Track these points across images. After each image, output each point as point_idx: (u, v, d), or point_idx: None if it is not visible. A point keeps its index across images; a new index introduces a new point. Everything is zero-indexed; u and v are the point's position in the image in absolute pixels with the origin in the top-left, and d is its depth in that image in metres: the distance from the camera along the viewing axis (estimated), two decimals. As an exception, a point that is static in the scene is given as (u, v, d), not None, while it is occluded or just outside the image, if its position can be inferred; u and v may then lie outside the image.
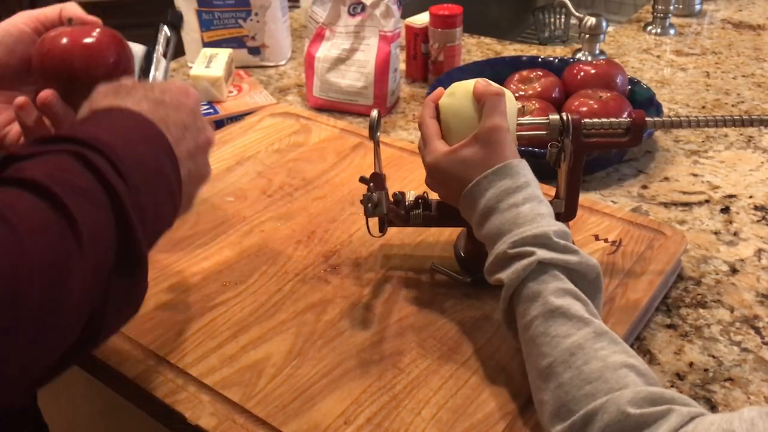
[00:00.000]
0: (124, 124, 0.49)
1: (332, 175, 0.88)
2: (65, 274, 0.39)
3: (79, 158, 0.43)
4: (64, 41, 0.61)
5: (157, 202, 0.48)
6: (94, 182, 0.43)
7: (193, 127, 0.54)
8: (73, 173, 0.42)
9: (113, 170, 0.44)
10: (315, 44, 1.10)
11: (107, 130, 0.47)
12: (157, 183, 0.48)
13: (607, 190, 0.89)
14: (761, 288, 0.72)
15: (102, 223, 0.42)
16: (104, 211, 0.42)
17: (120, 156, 0.45)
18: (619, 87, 0.98)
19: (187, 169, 0.52)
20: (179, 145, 0.51)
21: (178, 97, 0.54)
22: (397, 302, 0.67)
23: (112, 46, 0.63)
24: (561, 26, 1.75)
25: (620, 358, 0.50)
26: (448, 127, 0.64)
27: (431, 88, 1.04)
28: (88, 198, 0.42)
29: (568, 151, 0.65)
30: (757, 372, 0.62)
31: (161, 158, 0.49)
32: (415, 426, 0.55)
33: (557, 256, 0.55)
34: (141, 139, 0.48)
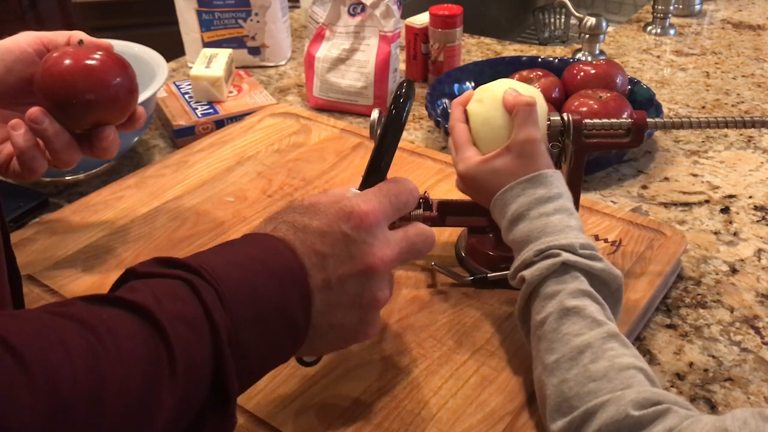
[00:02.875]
0: (249, 253, 0.47)
1: (332, 176, 0.88)
2: (154, 401, 0.38)
3: (189, 285, 0.43)
4: (67, 62, 0.60)
5: (268, 335, 0.45)
6: (200, 311, 0.42)
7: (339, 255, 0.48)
8: (180, 300, 0.42)
9: (219, 302, 0.43)
10: (315, 44, 1.10)
11: (226, 260, 0.46)
12: (273, 316, 0.45)
13: (607, 190, 0.89)
14: (761, 288, 0.72)
15: (200, 351, 0.41)
16: (204, 340, 0.41)
17: (228, 288, 0.43)
18: (619, 87, 0.98)
19: (324, 299, 0.48)
20: (314, 275, 0.47)
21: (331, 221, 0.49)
22: (397, 302, 0.67)
23: (115, 69, 0.62)
24: (561, 26, 1.75)
25: (628, 360, 0.50)
26: (477, 135, 0.64)
27: (431, 88, 1.04)
28: (190, 326, 0.41)
29: (568, 152, 0.65)
30: (757, 372, 0.62)
31: (286, 289, 0.46)
32: (415, 426, 0.55)
33: (582, 259, 0.55)
34: (262, 269, 0.46)
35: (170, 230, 0.78)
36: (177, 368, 0.39)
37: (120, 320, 0.40)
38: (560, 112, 0.65)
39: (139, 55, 1.04)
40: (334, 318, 0.49)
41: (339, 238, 0.48)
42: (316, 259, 0.47)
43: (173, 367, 0.39)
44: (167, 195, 0.84)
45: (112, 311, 0.40)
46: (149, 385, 0.39)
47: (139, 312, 0.40)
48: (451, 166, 0.88)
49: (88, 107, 0.61)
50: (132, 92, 0.64)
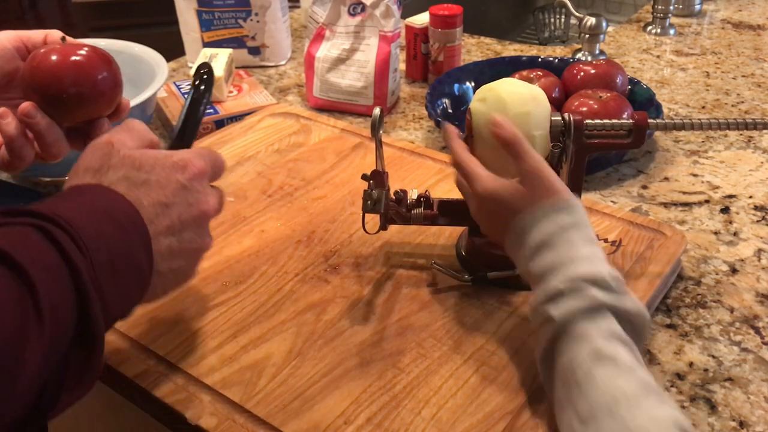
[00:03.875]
0: (94, 202, 0.49)
1: (332, 175, 0.88)
2: (22, 345, 0.39)
3: (41, 231, 0.43)
4: (53, 57, 0.62)
5: (120, 280, 0.47)
6: (56, 255, 0.43)
7: (180, 204, 0.53)
8: (37, 246, 0.43)
9: (74, 245, 0.44)
10: (315, 44, 1.10)
11: (74, 207, 0.47)
12: (122, 262, 0.48)
13: (607, 190, 0.89)
14: (761, 288, 0.72)
15: (62, 297, 0.42)
16: (64, 282, 0.43)
17: (82, 232, 0.45)
18: (619, 87, 0.98)
19: (165, 246, 0.52)
20: (154, 223, 0.51)
21: (169, 173, 0.53)
22: (398, 302, 0.67)
23: (101, 64, 0.64)
24: (561, 26, 1.75)
25: (668, 412, 0.47)
26: (480, 135, 0.63)
27: (431, 88, 1.04)
28: (49, 269, 0.42)
29: (569, 152, 0.64)
30: (757, 372, 0.62)
31: (129, 237, 0.49)
32: (415, 426, 0.55)
33: (613, 299, 0.53)
34: (109, 218, 0.48)
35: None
36: (43, 313, 0.40)
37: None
38: (561, 112, 0.65)
39: (139, 55, 1.04)
40: (175, 262, 0.53)
41: (178, 188, 0.53)
42: (159, 209, 0.52)
43: (39, 312, 0.40)
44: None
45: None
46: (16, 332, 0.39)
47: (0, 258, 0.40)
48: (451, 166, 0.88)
49: (77, 101, 0.63)
50: (117, 85, 0.66)
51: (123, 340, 0.64)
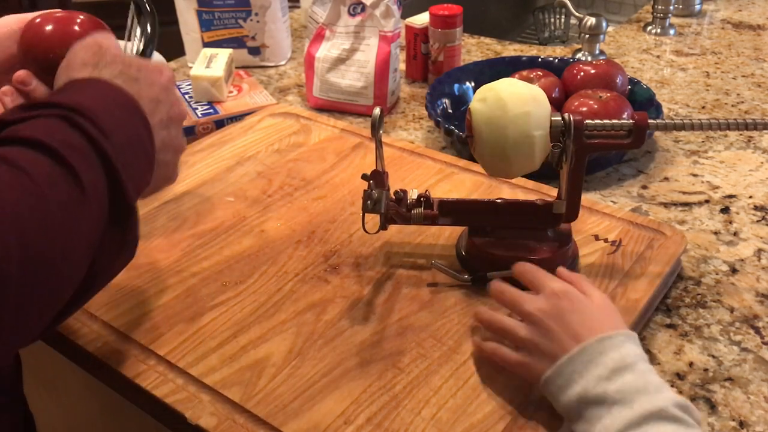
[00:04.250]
0: (103, 94, 0.52)
1: (332, 176, 0.88)
2: (77, 221, 0.44)
3: (66, 120, 0.47)
4: (48, 27, 0.63)
5: (136, 162, 0.52)
6: (83, 140, 0.46)
7: (166, 102, 0.57)
8: (65, 133, 0.46)
9: (98, 131, 0.47)
10: (315, 44, 1.10)
11: (88, 97, 0.50)
12: (137, 146, 0.52)
13: (607, 190, 0.89)
14: (761, 288, 0.72)
15: (97, 176, 0.46)
16: (95, 165, 0.46)
17: (102, 119, 0.48)
18: (619, 87, 0.98)
19: (161, 138, 0.56)
20: (152, 116, 0.55)
21: (152, 75, 0.57)
22: (397, 302, 0.67)
23: (95, 31, 0.64)
24: (561, 26, 1.75)
25: None
26: (480, 134, 0.63)
27: (431, 88, 1.04)
28: (81, 152, 0.46)
29: (569, 152, 0.64)
30: (756, 372, 0.62)
31: (138, 125, 0.53)
32: (415, 426, 0.55)
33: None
34: (119, 108, 0.52)
35: (170, 230, 0.78)
36: (85, 188, 0.44)
37: (22, 152, 0.43)
38: (561, 112, 0.65)
39: (139, 55, 1.04)
40: (166, 155, 0.57)
41: (162, 88, 0.57)
42: (153, 104, 0.56)
43: (81, 187, 0.44)
44: (167, 195, 0.84)
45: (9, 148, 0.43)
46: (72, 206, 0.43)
47: (33, 145, 0.44)
48: (451, 166, 0.88)
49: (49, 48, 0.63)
50: None
51: (123, 340, 0.64)
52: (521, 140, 0.62)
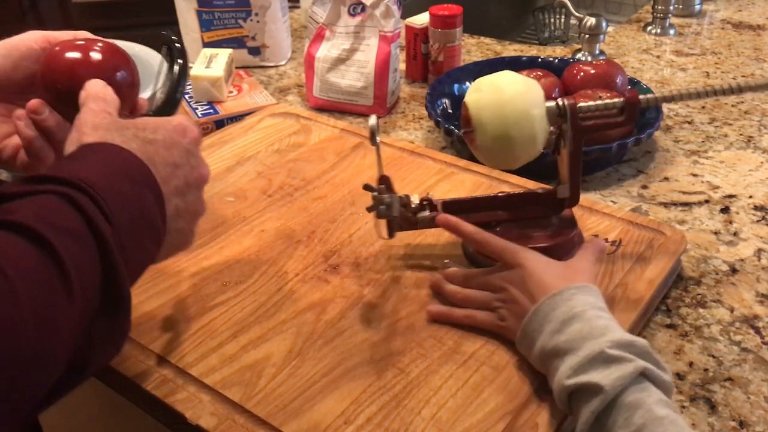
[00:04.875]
0: (111, 161, 0.49)
1: (332, 175, 0.88)
2: (54, 316, 0.40)
3: (65, 199, 0.44)
4: (68, 54, 0.61)
5: (140, 240, 0.49)
6: (81, 223, 0.43)
7: (185, 166, 0.54)
8: (60, 214, 0.43)
9: (99, 211, 0.45)
10: (315, 44, 1.10)
11: (93, 168, 0.48)
12: (141, 221, 0.49)
13: (607, 190, 0.89)
14: (761, 288, 0.72)
15: (88, 263, 0.43)
16: (90, 251, 0.43)
17: (105, 195, 0.46)
18: (619, 87, 0.98)
19: (174, 206, 0.53)
20: (167, 183, 0.52)
21: (172, 136, 0.54)
22: (398, 302, 0.67)
23: (117, 61, 0.63)
24: (561, 26, 1.75)
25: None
26: (480, 120, 0.65)
27: (431, 88, 1.04)
28: (75, 239, 0.43)
29: (567, 136, 0.65)
30: (756, 372, 0.62)
31: (146, 196, 0.50)
32: (415, 426, 0.55)
33: (655, 369, 0.52)
34: (126, 177, 0.49)
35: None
36: (72, 284, 0.41)
37: (6, 242, 0.40)
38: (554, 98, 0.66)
39: (139, 55, 1.04)
40: (180, 223, 0.54)
41: (183, 151, 0.54)
42: (169, 169, 0.53)
43: (68, 284, 0.41)
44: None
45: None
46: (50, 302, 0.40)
47: (21, 230, 0.41)
48: (451, 166, 0.88)
49: None
50: (133, 85, 0.64)
51: (123, 340, 0.64)
52: (521, 117, 0.64)
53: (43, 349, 0.39)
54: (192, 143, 0.56)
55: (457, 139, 0.93)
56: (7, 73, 0.64)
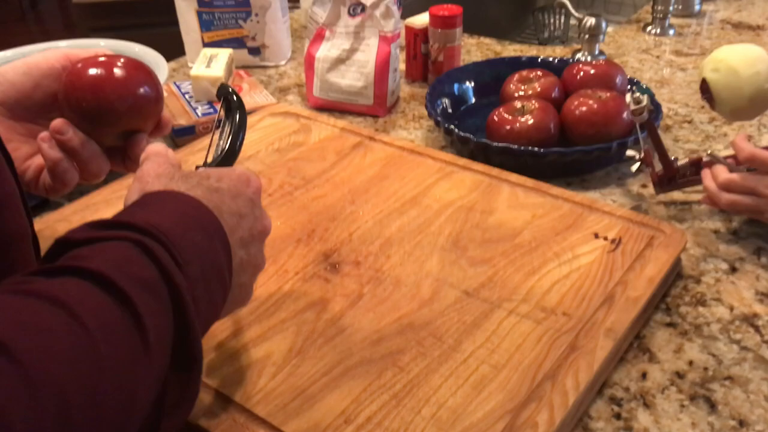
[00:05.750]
0: (181, 210, 0.47)
1: (332, 174, 0.88)
2: (135, 373, 0.37)
3: (139, 247, 0.41)
4: (91, 72, 0.60)
5: (210, 293, 0.46)
6: (156, 274, 0.41)
7: (249, 216, 0.52)
8: (136, 264, 0.40)
9: (173, 261, 0.42)
10: (315, 44, 1.10)
11: (165, 216, 0.45)
12: (212, 273, 0.46)
13: (607, 189, 0.89)
14: (761, 287, 0.72)
15: (163, 317, 0.40)
16: (165, 304, 0.41)
17: (179, 246, 0.43)
18: (619, 87, 0.99)
19: (239, 258, 0.50)
20: (233, 234, 0.50)
21: (237, 185, 0.53)
22: (398, 300, 0.67)
23: (140, 76, 0.62)
24: (560, 27, 1.75)
25: None
26: (719, 97, 0.78)
27: (431, 88, 1.04)
28: (151, 291, 0.40)
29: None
30: (756, 370, 0.63)
31: (216, 247, 0.47)
32: (415, 425, 0.55)
33: None
34: (198, 227, 0.46)
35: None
36: (149, 339, 0.38)
37: (80, 290, 0.38)
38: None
39: (140, 55, 1.04)
40: (243, 277, 0.51)
41: (247, 200, 0.53)
42: (236, 219, 0.50)
43: (145, 339, 0.38)
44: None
45: (71, 282, 0.38)
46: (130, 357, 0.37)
47: (96, 279, 0.38)
48: (450, 165, 0.88)
49: (115, 116, 0.61)
50: (158, 99, 0.63)
51: (123, 339, 0.64)
52: (756, 94, 0.77)
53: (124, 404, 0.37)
54: (255, 194, 0.54)
55: (457, 138, 0.93)
56: (28, 92, 0.63)
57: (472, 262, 0.72)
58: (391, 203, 0.81)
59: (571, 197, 0.81)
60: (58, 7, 4.50)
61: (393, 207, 0.81)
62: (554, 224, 0.77)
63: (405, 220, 0.78)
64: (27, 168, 0.64)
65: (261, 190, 0.55)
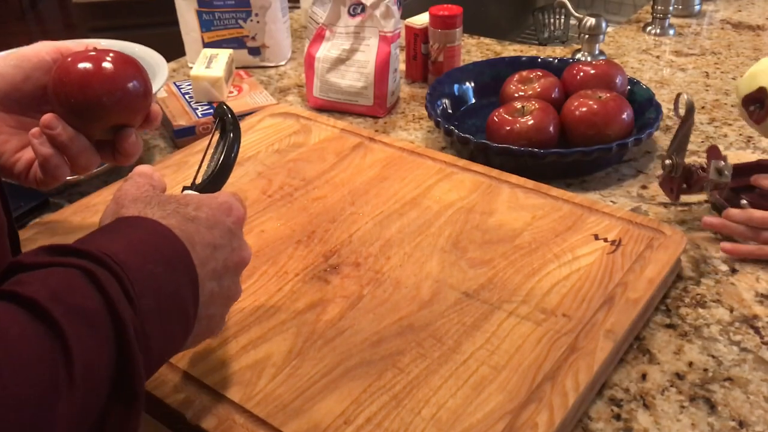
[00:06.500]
0: (147, 239, 0.46)
1: (332, 175, 0.88)
2: (50, 406, 0.36)
3: (88, 276, 0.40)
4: (80, 66, 0.60)
5: (166, 327, 0.45)
6: (100, 305, 0.40)
7: (226, 248, 0.51)
8: (79, 293, 0.39)
9: (123, 294, 0.41)
10: (315, 45, 1.10)
11: (124, 244, 0.44)
12: (170, 305, 0.45)
13: (607, 190, 0.89)
14: (760, 288, 0.72)
15: (100, 353, 0.39)
16: (105, 337, 0.39)
17: (133, 277, 0.42)
18: (619, 87, 0.99)
19: (209, 290, 0.49)
20: (205, 266, 0.49)
21: (216, 214, 0.51)
22: (398, 302, 0.67)
23: (129, 71, 0.62)
24: (560, 27, 1.76)
25: None
26: None
27: (431, 89, 1.04)
28: (90, 322, 0.39)
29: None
30: (756, 372, 0.63)
31: (180, 279, 0.46)
32: (415, 426, 0.55)
33: None
34: (161, 258, 0.45)
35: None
36: (75, 373, 0.37)
37: (8, 316, 0.37)
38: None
39: (139, 55, 1.04)
40: (212, 309, 0.50)
41: (225, 231, 0.51)
42: (209, 251, 0.49)
43: (70, 372, 0.37)
44: (167, 195, 0.84)
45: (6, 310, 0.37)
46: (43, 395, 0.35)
47: (29, 306, 0.37)
48: (450, 166, 0.88)
49: (103, 110, 0.61)
50: (147, 94, 0.64)
51: (123, 340, 0.64)
52: None
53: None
54: (236, 223, 0.53)
55: (457, 139, 0.93)
56: (18, 84, 0.63)
57: (472, 264, 0.72)
58: (391, 204, 0.81)
59: (571, 198, 0.81)
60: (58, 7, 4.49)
61: (393, 208, 0.81)
62: (554, 225, 0.77)
63: (405, 221, 0.78)
64: (17, 161, 0.64)
65: (243, 219, 0.54)
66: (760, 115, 0.79)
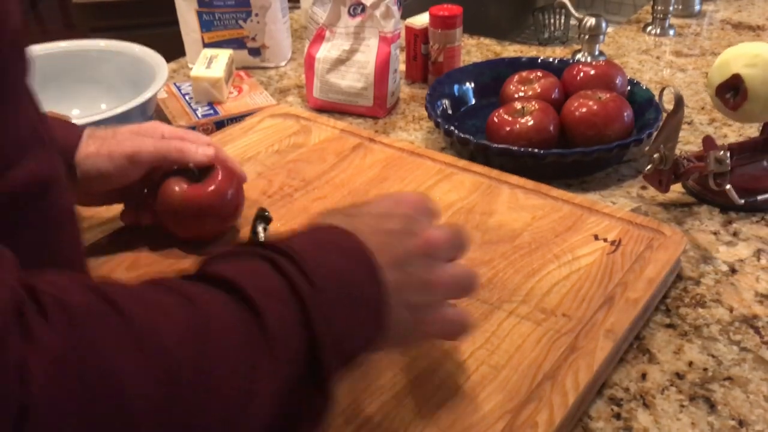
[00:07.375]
0: (319, 236, 0.48)
1: (332, 176, 0.88)
2: (254, 363, 0.39)
3: (268, 261, 0.43)
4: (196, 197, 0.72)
5: (351, 316, 0.45)
6: (284, 285, 0.42)
7: (404, 233, 0.50)
8: (260, 273, 0.42)
9: (301, 275, 0.42)
10: (315, 45, 1.10)
11: (299, 241, 0.46)
12: (353, 294, 0.45)
13: (607, 191, 0.89)
14: (760, 288, 0.72)
15: (289, 321, 0.41)
16: (291, 311, 0.41)
17: (311, 264, 0.43)
18: (619, 88, 0.99)
19: (395, 277, 0.48)
20: (381, 253, 0.47)
21: (382, 207, 0.52)
22: (397, 302, 0.67)
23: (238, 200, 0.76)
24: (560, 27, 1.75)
25: None
26: (756, 94, 0.78)
27: (431, 89, 1.05)
28: (275, 296, 0.41)
29: None
30: (756, 371, 0.63)
31: (359, 270, 0.46)
32: (414, 425, 0.55)
33: None
34: (336, 250, 0.46)
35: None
36: (269, 332, 0.39)
37: (210, 295, 0.40)
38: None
39: (140, 55, 1.04)
40: (406, 296, 0.49)
41: (401, 216, 0.51)
42: (383, 237, 0.49)
43: (265, 330, 0.39)
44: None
45: (193, 284, 0.41)
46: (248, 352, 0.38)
47: (226, 286, 0.40)
48: (450, 166, 0.88)
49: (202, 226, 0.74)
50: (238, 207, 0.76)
51: (124, 340, 0.64)
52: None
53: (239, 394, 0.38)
54: (413, 207, 0.52)
55: (457, 139, 0.93)
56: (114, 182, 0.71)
57: (472, 264, 0.72)
58: (391, 204, 0.81)
59: (570, 199, 0.81)
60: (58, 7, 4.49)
61: (393, 208, 0.81)
62: (554, 226, 0.77)
63: (405, 221, 0.78)
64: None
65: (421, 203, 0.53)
66: (736, 102, 0.80)
